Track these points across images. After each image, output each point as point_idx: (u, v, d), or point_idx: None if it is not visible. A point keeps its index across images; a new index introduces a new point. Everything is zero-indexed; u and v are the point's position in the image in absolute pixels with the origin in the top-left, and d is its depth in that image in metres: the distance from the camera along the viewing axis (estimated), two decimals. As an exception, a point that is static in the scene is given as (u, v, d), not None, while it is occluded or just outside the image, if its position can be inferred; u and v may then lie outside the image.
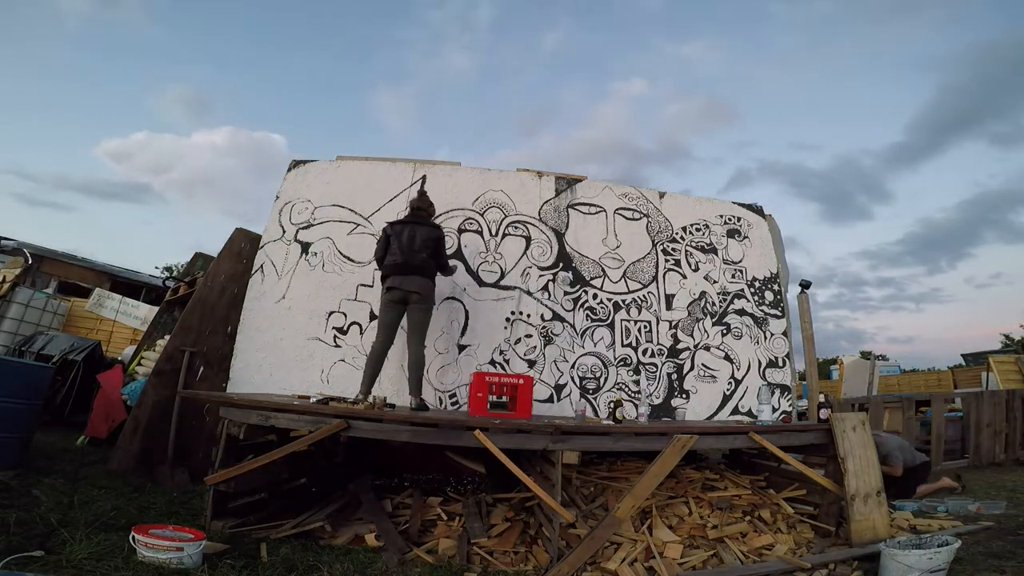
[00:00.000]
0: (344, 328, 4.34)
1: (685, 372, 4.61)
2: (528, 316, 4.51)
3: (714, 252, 5.05)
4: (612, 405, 3.52)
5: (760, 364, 4.75)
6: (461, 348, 4.34)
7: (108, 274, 13.26)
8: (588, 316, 4.61)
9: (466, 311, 4.45)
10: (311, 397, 3.48)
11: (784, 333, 4.89)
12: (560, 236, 4.81)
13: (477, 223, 4.73)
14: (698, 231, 5.12)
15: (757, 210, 5.33)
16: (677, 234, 5.05)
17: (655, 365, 4.58)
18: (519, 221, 4.79)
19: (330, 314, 4.36)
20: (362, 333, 4.33)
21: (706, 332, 4.76)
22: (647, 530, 3.07)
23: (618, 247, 4.87)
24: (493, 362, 4.35)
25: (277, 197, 4.74)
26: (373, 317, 4.37)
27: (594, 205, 4.99)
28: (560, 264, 4.70)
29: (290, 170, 4.86)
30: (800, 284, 4.65)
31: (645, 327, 4.67)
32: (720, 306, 4.87)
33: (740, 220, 5.24)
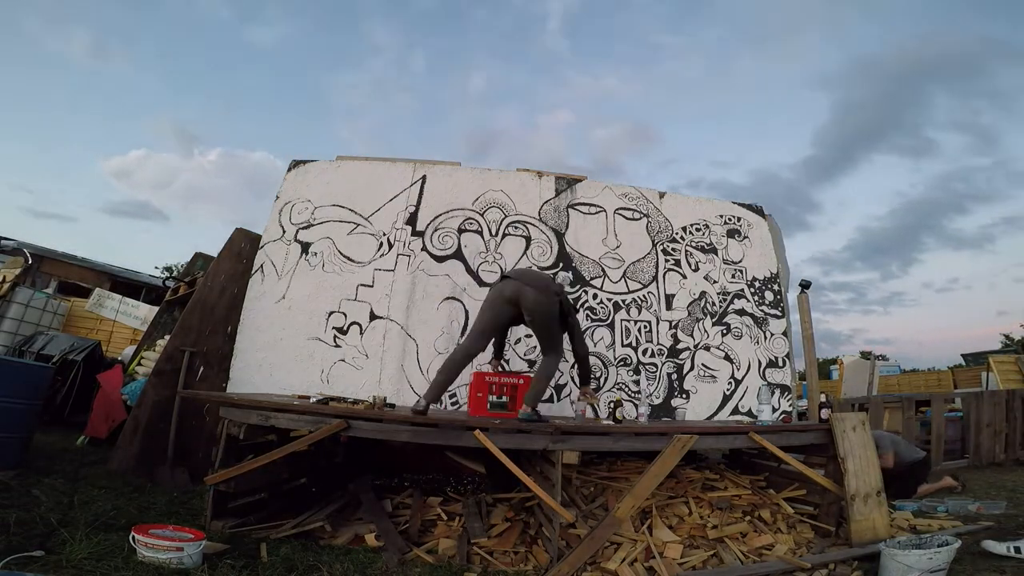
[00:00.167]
0: (344, 328, 4.34)
1: (685, 372, 4.61)
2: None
3: (714, 252, 5.05)
4: (612, 405, 3.52)
5: (760, 364, 4.75)
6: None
7: (108, 274, 13.26)
8: (588, 316, 4.60)
9: (466, 311, 4.45)
10: (311, 397, 3.48)
11: (784, 333, 4.89)
12: (560, 236, 4.81)
13: (477, 223, 4.73)
14: (698, 231, 5.12)
15: (757, 210, 5.33)
16: (677, 234, 5.05)
17: (655, 365, 4.58)
18: (519, 221, 4.79)
19: (330, 314, 4.36)
20: (362, 333, 4.33)
21: (706, 332, 4.76)
22: (647, 530, 3.07)
23: (618, 247, 4.87)
24: (493, 362, 4.34)
25: (277, 197, 4.73)
26: (373, 317, 4.38)
27: (594, 205, 4.99)
28: (560, 264, 4.70)
29: (290, 170, 4.86)
30: (800, 284, 4.65)
31: (645, 327, 4.67)
32: (720, 306, 4.87)
33: (740, 220, 5.24)
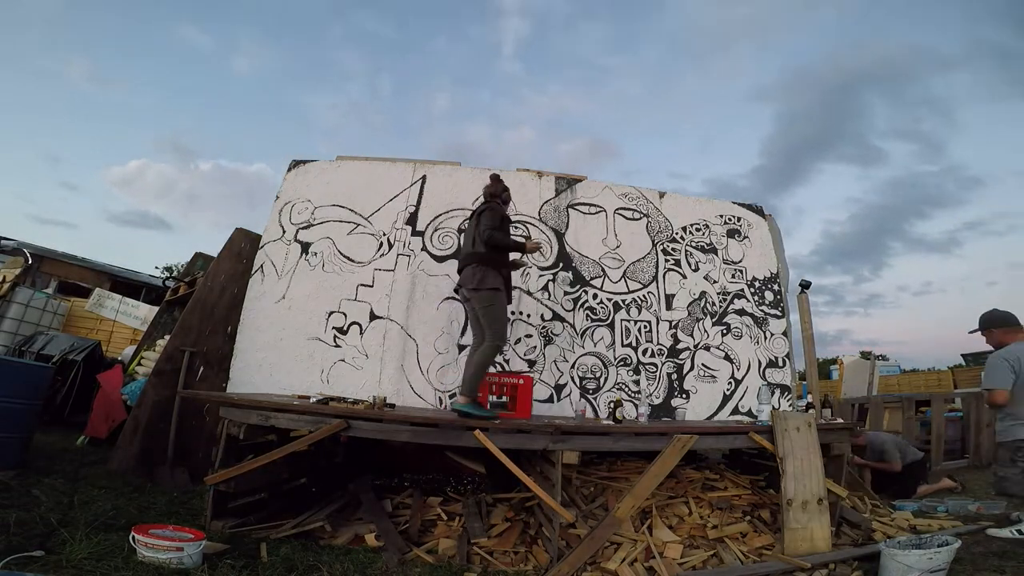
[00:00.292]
0: (344, 328, 4.34)
1: (685, 372, 4.61)
2: (528, 316, 4.51)
3: (714, 252, 5.05)
4: (612, 405, 3.52)
5: (760, 364, 4.75)
6: (461, 348, 4.34)
7: (108, 274, 13.26)
8: (588, 316, 4.61)
9: (466, 311, 4.45)
10: (311, 397, 3.49)
11: (784, 333, 4.89)
12: (560, 236, 4.81)
13: (477, 223, 4.73)
14: (698, 231, 5.12)
15: (757, 210, 5.33)
16: (677, 234, 5.05)
17: (655, 365, 4.58)
18: (519, 221, 4.79)
19: (330, 314, 4.36)
20: (362, 333, 4.33)
21: (706, 332, 4.76)
22: (647, 530, 3.07)
23: (618, 247, 4.87)
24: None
25: (277, 197, 4.73)
26: (373, 317, 4.37)
27: (594, 205, 4.99)
28: (560, 264, 4.70)
29: (290, 170, 4.86)
30: (800, 284, 4.65)
31: (645, 327, 4.67)
32: (720, 306, 4.87)
33: (740, 220, 5.24)
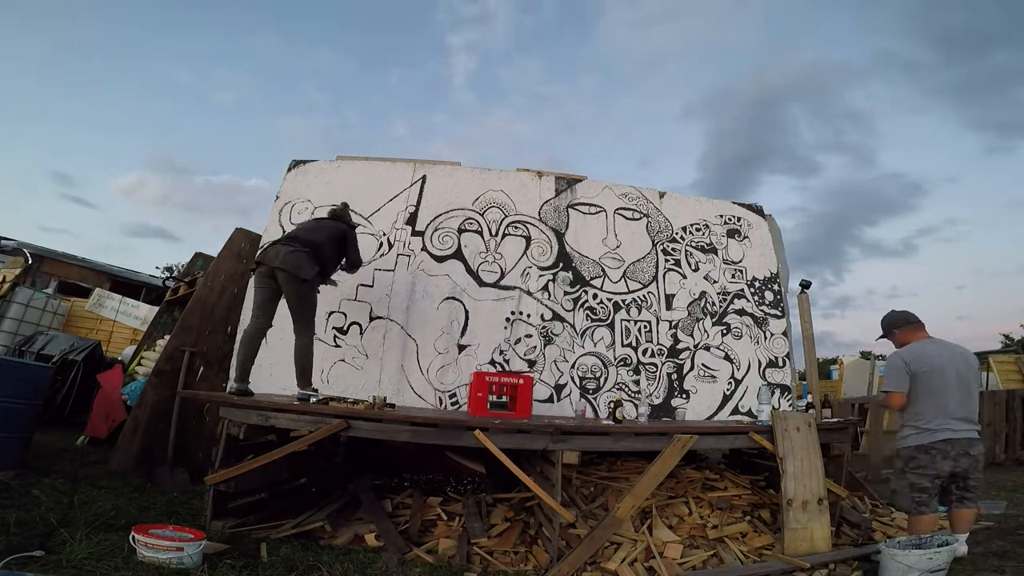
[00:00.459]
0: (344, 328, 4.34)
1: (685, 372, 4.61)
2: (528, 316, 4.51)
3: (714, 252, 5.05)
4: (612, 405, 3.52)
5: (760, 364, 4.75)
6: (461, 348, 4.34)
7: (108, 274, 13.25)
8: (588, 316, 4.60)
9: (466, 311, 4.45)
10: (311, 397, 3.48)
11: (784, 333, 4.89)
12: (560, 236, 4.81)
13: (477, 223, 4.73)
14: (698, 231, 5.12)
15: (757, 210, 5.33)
16: (677, 234, 5.05)
17: (655, 365, 4.57)
18: (519, 221, 4.79)
19: (330, 314, 4.36)
20: (362, 333, 4.33)
21: (706, 332, 4.76)
22: (647, 530, 3.07)
23: (618, 247, 4.87)
24: (493, 362, 4.34)
25: (277, 197, 4.73)
26: (373, 317, 4.38)
27: (594, 205, 4.99)
28: (560, 264, 4.70)
29: (290, 170, 4.86)
30: (800, 284, 4.64)
31: (645, 327, 4.67)
32: (720, 306, 4.87)
33: (740, 220, 5.24)
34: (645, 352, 4.60)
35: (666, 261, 4.92)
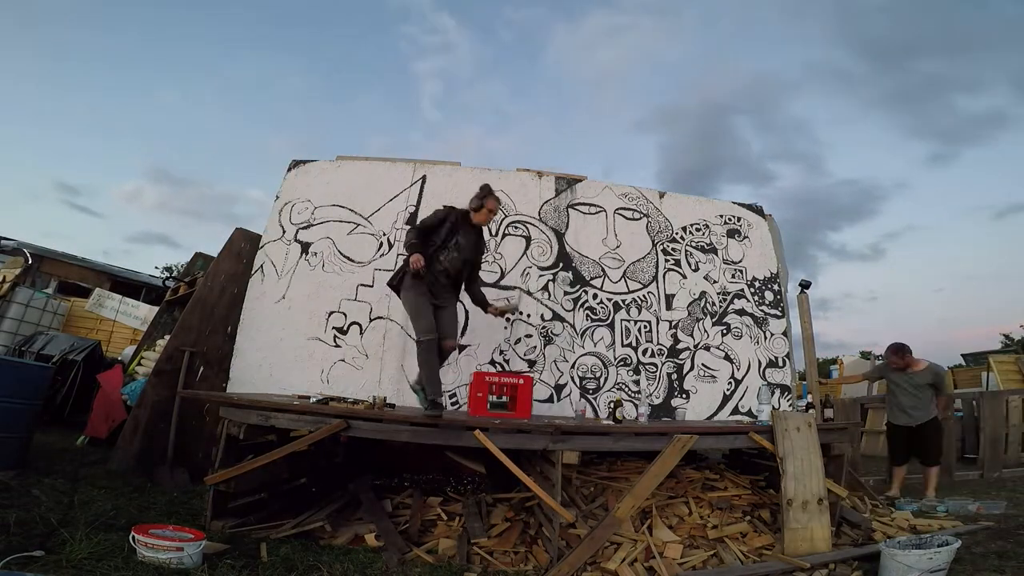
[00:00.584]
0: (344, 328, 4.34)
1: (685, 372, 4.61)
2: (528, 316, 4.51)
3: (714, 252, 5.05)
4: (612, 405, 3.52)
5: (760, 364, 4.75)
6: (461, 348, 4.34)
7: (108, 274, 13.24)
8: (588, 316, 4.61)
9: (466, 311, 4.44)
10: (311, 397, 3.48)
11: (784, 333, 4.89)
12: (560, 236, 4.81)
13: (477, 223, 4.73)
14: (698, 231, 5.12)
15: (757, 210, 5.33)
16: (677, 234, 5.05)
17: (655, 365, 4.57)
18: (519, 221, 4.79)
19: (330, 314, 4.36)
20: (362, 333, 4.33)
21: (706, 332, 4.76)
22: (647, 530, 3.06)
23: (618, 247, 4.87)
24: (493, 362, 4.35)
25: (277, 197, 4.73)
26: (373, 317, 4.37)
27: (594, 205, 4.99)
28: (560, 264, 4.70)
29: (290, 170, 4.86)
30: (800, 284, 4.65)
31: (645, 327, 4.67)
32: (720, 306, 4.87)
33: (740, 220, 5.24)
34: (645, 352, 4.60)
35: (666, 261, 4.92)
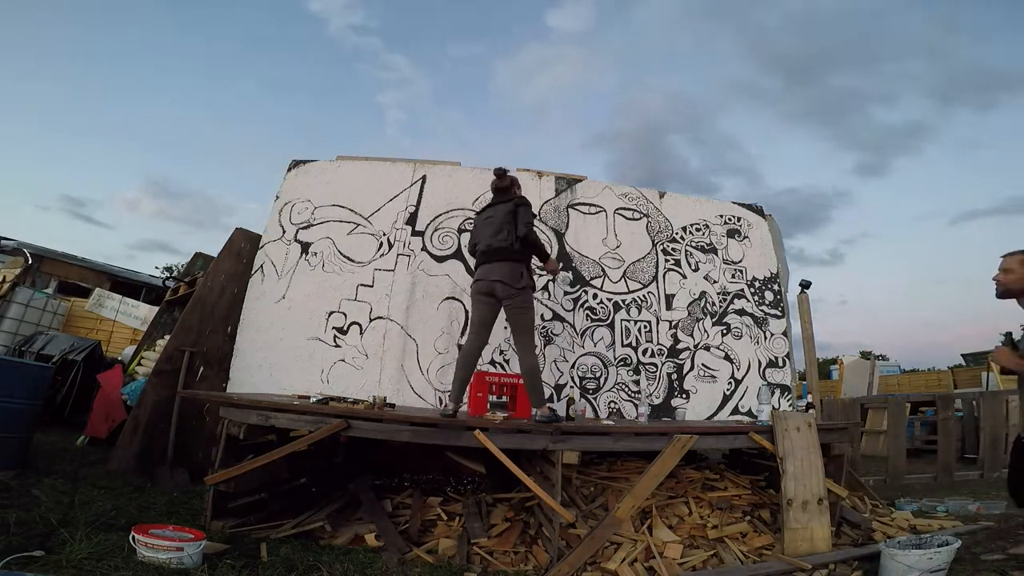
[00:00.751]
0: (344, 328, 4.34)
1: (685, 372, 4.61)
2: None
3: (714, 252, 5.05)
4: (567, 401, 3.42)
5: (760, 364, 4.75)
6: (461, 348, 4.33)
7: (108, 274, 13.25)
8: (588, 316, 4.60)
9: (466, 311, 4.45)
10: (311, 397, 3.48)
11: (784, 333, 4.89)
12: (560, 236, 4.81)
13: (477, 223, 4.73)
14: (698, 231, 5.12)
15: (757, 210, 5.33)
16: (677, 234, 5.05)
17: (655, 365, 4.57)
18: (519, 221, 4.78)
19: (330, 314, 4.36)
20: (362, 333, 4.33)
21: (706, 332, 4.76)
22: (647, 530, 3.07)
23: (618, 247, 4.87)
24: (493, 362, 4.35)
25: (277, 197, 4.73)
26: (373, 317, 4.38)
27: (594, 205, 4.99)
28: (560, 264, 4.70)
29: (290, 170, 4.86)
30: (800, 284, 4.65)
31: (645, 327, 4.67)
32: (720, 306, 4.87)
33: (740, 220, 5.24)
34: (645, 352, 4.60)
35: (666, 261, 4.92)
